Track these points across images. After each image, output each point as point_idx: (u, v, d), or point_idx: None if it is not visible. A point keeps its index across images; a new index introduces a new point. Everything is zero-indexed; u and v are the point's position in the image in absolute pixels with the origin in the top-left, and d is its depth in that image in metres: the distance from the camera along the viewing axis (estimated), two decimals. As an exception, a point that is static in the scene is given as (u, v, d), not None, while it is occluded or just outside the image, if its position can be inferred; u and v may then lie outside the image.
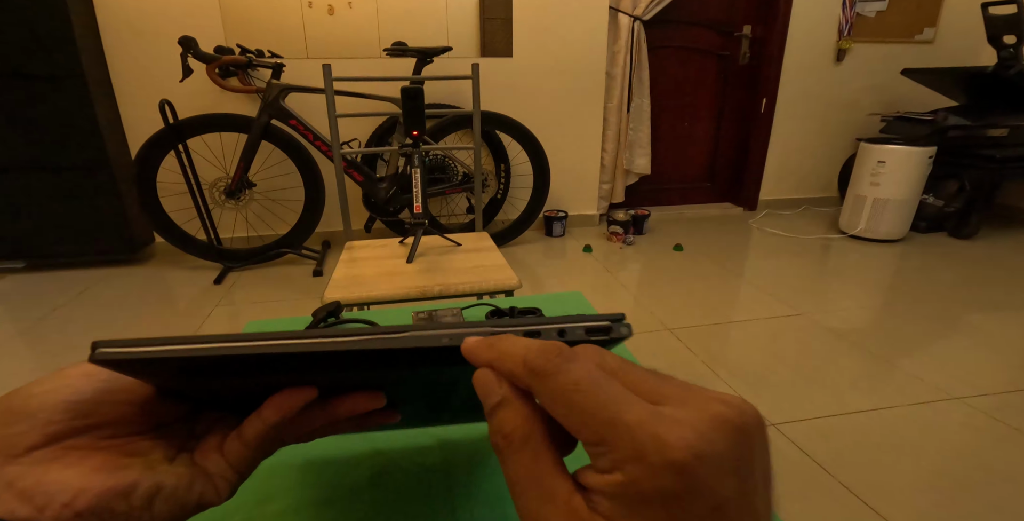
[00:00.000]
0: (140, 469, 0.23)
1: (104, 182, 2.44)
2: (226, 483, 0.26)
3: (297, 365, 0.23)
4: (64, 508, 0.20)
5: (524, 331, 0.22)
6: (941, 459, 1.29)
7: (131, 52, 2.49)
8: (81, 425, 0.23)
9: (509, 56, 2.85)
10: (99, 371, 0.24)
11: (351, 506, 0.41)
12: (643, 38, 2.98)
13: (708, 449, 0.15)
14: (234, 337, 0.21)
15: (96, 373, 0.24)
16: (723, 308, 2.13)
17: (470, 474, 0.44)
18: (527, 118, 2.97)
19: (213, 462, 0.26)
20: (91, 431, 0.23)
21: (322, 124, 2.69)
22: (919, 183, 2.77)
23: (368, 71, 2.70)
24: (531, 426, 0.19)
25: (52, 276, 2.49)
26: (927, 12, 3.31)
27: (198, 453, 0.26)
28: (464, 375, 0.26)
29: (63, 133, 2.34)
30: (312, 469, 0.44)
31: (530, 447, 0.18)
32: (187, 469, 0.25)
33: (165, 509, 0.23)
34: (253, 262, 2.59)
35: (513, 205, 3.03)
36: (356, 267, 1.28)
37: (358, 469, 0.44)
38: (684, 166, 3.59)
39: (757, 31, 3.27)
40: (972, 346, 1.81)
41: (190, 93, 2.57)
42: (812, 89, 3.37)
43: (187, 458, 0.26)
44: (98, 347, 0.21)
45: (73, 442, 0.23)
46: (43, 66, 2.24)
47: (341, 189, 1.51)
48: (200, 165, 2.62)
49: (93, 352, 0.20)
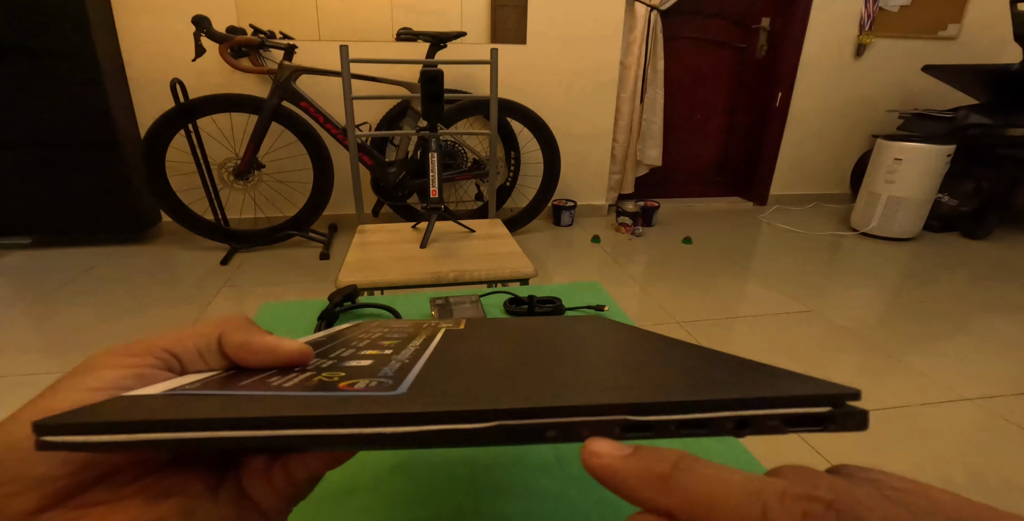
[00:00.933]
0: (179, 518, 0.18)
1: (112, 160, 2.43)
2: (280, 516, 0.21)
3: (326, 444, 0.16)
4: None
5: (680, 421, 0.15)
6: (949, 459, 1.28)
7: (143, 30, 2.46)
8: (91, 476, 0.18)
9: (520, 43, 2.81)
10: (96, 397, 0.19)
11: (373, 496, 0.39)
12: (659, 28, 2.94)
13: None
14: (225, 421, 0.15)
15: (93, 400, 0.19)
16: (732, 302, 2.12)
17: (496, 467, 0.43)
18: (539, 106, 2.94)
19: (264, 494, 0.21)
20: (106, 480, 0.18)
21: (332, 107, 2.67)
22: (935, 182, 2.73)
23: (380, 54, 2.67)
24: None
25: (59, 253, 2.48)
26: (952, 8, 3.25)
27: (245, 478, 0.21)
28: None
29: (73, 110, 2.32)
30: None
31: None
32: (235, 509, 0.20)
33: None
34: (260, 244, 2.58)
35: (522, 193, 3.01)
36: (369, 251, 1.26)
37: (380, 460, 0.43)
38: (695, 159, 3.56)
39: (776, 24, 3.22)
40: (982, 347, 1.80)
41: (201, 73, 2.55)
42: (829, 84, 3.32)
43: (234, 487, 0.20)
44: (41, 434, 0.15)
45: (88, 498, 0.17)
46: (54, 42, 2.22)
47: (355, 173, 1.49)
48: (209, 145, 2.60)
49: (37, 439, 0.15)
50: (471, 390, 0.17)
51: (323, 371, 0.22)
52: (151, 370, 0.21)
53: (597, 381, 0.19)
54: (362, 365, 0.23)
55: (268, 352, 0.23)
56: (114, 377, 0.19)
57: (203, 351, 0.22)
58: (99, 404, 0.17)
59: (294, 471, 0.21)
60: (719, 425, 0.15)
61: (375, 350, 0.26)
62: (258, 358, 0.23)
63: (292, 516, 0.37)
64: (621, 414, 0.15)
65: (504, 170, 2.90)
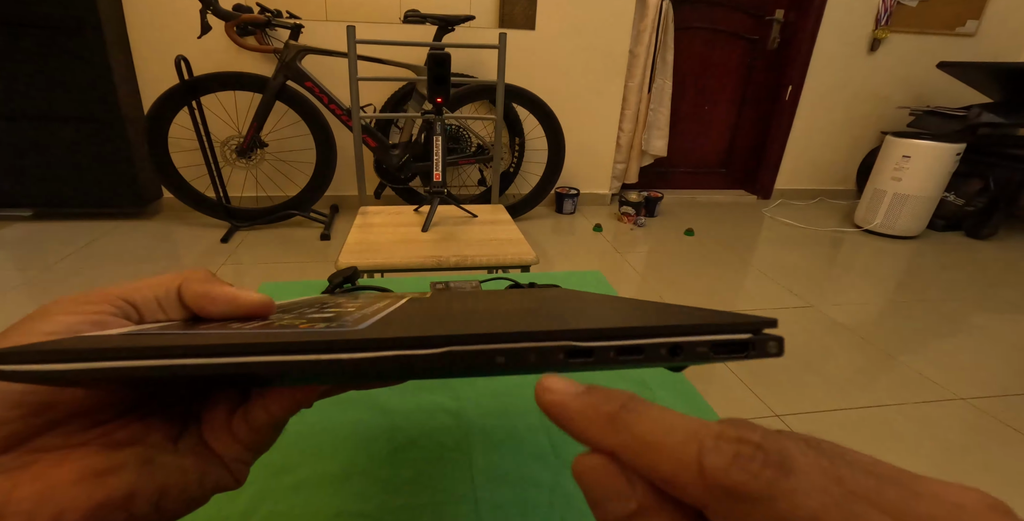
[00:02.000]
0: (136, 467, 0.17)
1: (115, 135, 2.41)
2: (243, 466, 0.21)
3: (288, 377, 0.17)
4: None
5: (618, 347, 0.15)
6: (943, 458, 1.28)
7: (150, 6, 2.43)
8: (44, 421, 0.17)
9: (529, 28, 2.78)
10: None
11: (369, 482, 0.39)
12: (671, 18, 2.90)
13: None
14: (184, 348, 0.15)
15: None
16: (731, 296, 2.11)
17: (491, 454, 0.43)
18: (545, 93, 2.91)
19: (225, 444, 0.21)
20: (61, 425, 0.18)
21: (337, 88, 2.64)
22: (943, 180, 2.71)
23: (387, 36, 2.63)
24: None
25: (59, 226, 2.48)
26: (972, 4, 3.19)
27: (206, 429, 0.21)
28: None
29: (77, 84, 2.30)
30: (329, 443, 0.43)
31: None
32: (195, 458, 0.20)
33: (177, 506, 0.19)
34: (261, 222, 2.58)
35: (525, 179, 2.99)
36: (370, 233, 1.26)
37: (375, 444, 0.43)
38: (701, 150, 3.54)
39: (790, 16, 3.18)
40: (980, 347, 1.79)
41: (207, 50, 2.52)
42: (841, 78, 3.28)
43: (194, 437, 0.20)
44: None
45: (41, 443, 0.17)
46: (60, 16, 2.19)
47: (358, 154, 1.48)
48: (213, 123, 2.58)
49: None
50: (425, 326, 0.18)
51: (284, 321, 0.21)
52: (108, 318, 0.20)
53: (545, 316, 0.20)
54: (324, 316, 0.22)
55: (228, 302, 0.22)
56: (70, 322, 0.19)
57: (162, 301, 0.22)
58: (57, 340, 0.17)
59: (255, 417, 0.21)
60: (654, 351, 0.16)
61: (339, 309, 0.25)
62: (218, 308, 0.22)
63: (288, 499, 0.37)
64: (565, 340, 0.15)
65: (508, 156, 2.88)
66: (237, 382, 0.20)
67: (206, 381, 0.18)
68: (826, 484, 0.11)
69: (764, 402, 1.46)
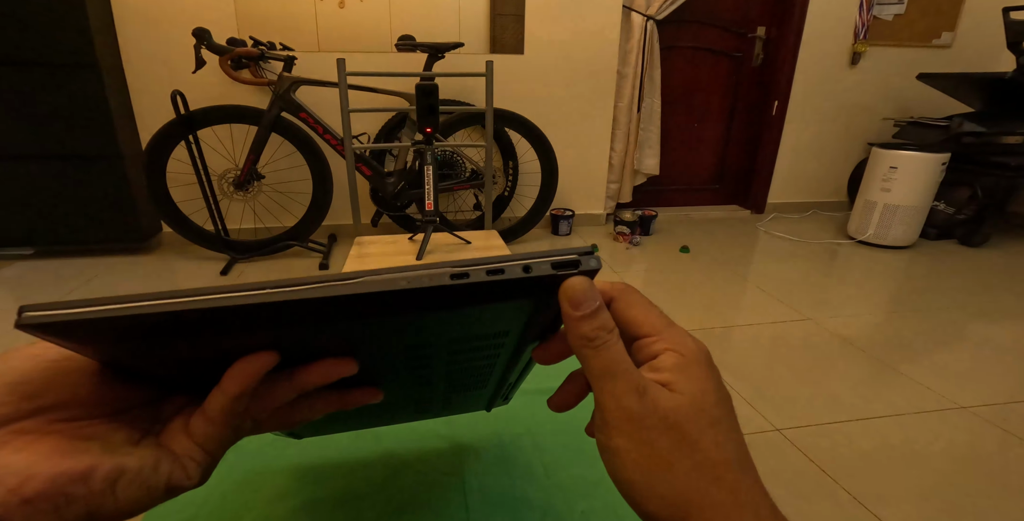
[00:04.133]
0: (98, 452, 0.21)
1: (114, 171, 2.45)
2: (195, 464, 0.24)
3: (247, 322, 0.21)
4: (10, 494, 0.19)
5: (488, 268, 0.21)
6: (946, 467, 1.28)
7: (145, 42, 2.49)
8: (29, 408, 0.21)
9: (520, 53, 2.84)
10: (46, 351, 0.22)
11: (365, 507, 0.40)
12: (656, 38, 2.96)
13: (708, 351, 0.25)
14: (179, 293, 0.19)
15: (43, 354, 0.22)
16: (729, 311, 2.12)
17: (484, 477, 0.44)
18: (536, 116, 2.96)
19: (179, 442, 0.24)
20: (41, 413, 0.21)
21: (331, 118, 2.69)
22: (931, 189, 2.75)
23: (379, 65, 2.69)
24: (614, 323, 0.24)
25: (60, 263, 2.50)
26: (946, 16, 3.28)
27: (164, 435, 0.24)
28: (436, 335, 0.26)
29: (75, 121, 2.34)
30: (326, 469, 0.44)
31: (617, 336, 0.23)
32: (151, 451, 0.23)
33: (130, 493, 0.21)
34: (260, 254, 2.60)
35: (520, 203, 3.03)
36: (366, 263, 1.28)
37: (371, 470, 0.44)
38: (693, 167, 3.58)
39: (771, 32, 3.25)
40: (979, 355, 1.80)
41: (202, 84, 2.57)
42: (825, 92, 3.34)
43: (152, 441, 0.24)
44: (24, 311, 0.18)
45: (21, 426, 0.21)
46: (57, 54, 2.24)
47: (352, 184, 1.51)
48: (210, 156, 2.62)
49: (19, 316, 0.18)
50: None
51: None
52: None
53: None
54: None
55: None
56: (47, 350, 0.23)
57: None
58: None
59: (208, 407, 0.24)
60: (513, 270, 0.21)
61: None
62: None
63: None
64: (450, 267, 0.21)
65: (502, 180, 2.92)
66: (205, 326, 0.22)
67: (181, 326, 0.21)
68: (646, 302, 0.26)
69: (764, 416, 1.46)
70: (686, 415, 0.22)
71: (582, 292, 0.23)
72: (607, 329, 0.23)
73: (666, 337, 0.24)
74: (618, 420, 0.22)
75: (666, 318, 0.25)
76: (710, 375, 0.24)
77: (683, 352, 0.24)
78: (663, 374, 0.23)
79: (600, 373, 0.23)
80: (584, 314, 0.23)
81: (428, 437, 0.48)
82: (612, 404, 0.22)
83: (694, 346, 0.24)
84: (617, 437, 0.22)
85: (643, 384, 0.22)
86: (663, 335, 0.24)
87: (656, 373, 0.23)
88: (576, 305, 0.23)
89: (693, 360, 0.24)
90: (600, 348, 0.23)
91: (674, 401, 0.22)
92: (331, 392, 0.29)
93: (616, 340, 0.23)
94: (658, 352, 0.24)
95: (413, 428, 0.49)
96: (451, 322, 0.25)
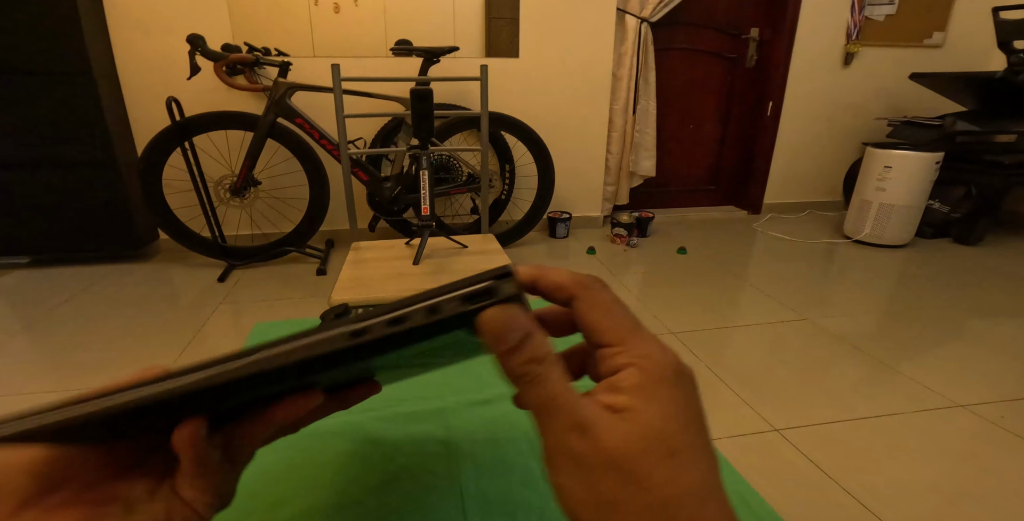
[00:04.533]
0: (120, 514, 0.23)
1: (110, 179, 2.44)
2: (206, 506, 0.25)
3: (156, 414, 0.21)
4: None
5: (389, 319, 0.19)
6: (945, 466, 1.28)
7: (139, 49, 2.49)
8: (48, 485, 0.23)
9: (515, 56, 2.85)
10: None
11: (362, 513, 0.41)
12: (650, 40, 2.98)
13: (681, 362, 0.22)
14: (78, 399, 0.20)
15: None
16: (727, 312, 2.13)
17: (481, 481, 0.44)
18: (532, 119, 2.96)
19: (186, 490, 0.25)
20: (66, 485, 0.23)
21: (328, 123, 2.69)
22: (925, 188, 2.76)
23: (374, 70, 2.70)
24: (551, 349, 0.22)
25: (56, 272, 2.49)
26: (937, 16, 3.30)
27: (177, 480, 0.25)
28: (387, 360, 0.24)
29: (70, 129, 2.34)
30: (323, 474, 0.44)
31: (558, 365, 0.21)
32: (165, 503, 0.25)
33: None
34: (257, 260, 2.60)
35: (517, 206, 3.03)
36: (362, 268, 1.28)
37: (369, 475, 0.44)
38: (689, 169, 3.59)
39: (764, 34, 3.26)
40: (977, 353, 1.81)
41: (197, 91, 2.57)
42: (819, 93, 3.36)
43: (168, 487, 0.25)
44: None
45: (50, 502, 0.23)
46: (51, 62, 2.24)
47: (348, 189, 1.51)
48: (206, 163, 2.62)
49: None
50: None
51: None
52: None
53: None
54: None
55: None
56: None
57: None
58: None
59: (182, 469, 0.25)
60: (417, 315, 0.19)
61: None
62: None
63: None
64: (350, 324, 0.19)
65: (499, 183, 2.92)
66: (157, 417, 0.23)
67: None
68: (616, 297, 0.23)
69: (763, 417, 1.46)
70: (637, 450, 0.20)
71: (501, 326, 0.20)
72: (539, 361, 0.21)
73: (630, 347, 0.22)
74: (559, 459, 0.21)
75: (633, 321, 0.23)
76: (676, 395, 0.21)
77: (647, 368, 0.21)
78: (620, 397, 0.21)
79: (536, 409, 0.21)
80: (508, 348, 0.21)
81: (425, 441, 0.48)
82: (551, 442, 0.21)
83: (661, 359, 0.21)
84: (559, 476, 0.21)
85: (585, 420, 0.20)
86: (627, 344, 0.22)
87: (613, 395, 0.21)
88: (497, 341, 0.21)
89: (657, 378, 0.21)
90: (533, 383, 0.21)
91: (623, 435, 0.20)
92: (328, 400, 0.28)
93: (551, 371, 0.21)
94: (619, 367, 0.21)
95: (410, 433, 0.49)
96: (390, 357, 0.23)
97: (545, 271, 0.24)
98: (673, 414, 0.20)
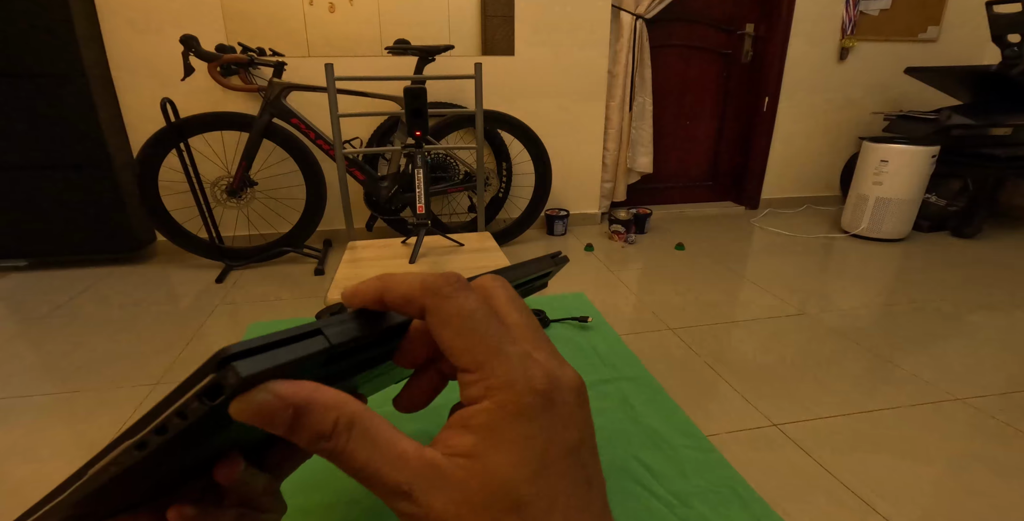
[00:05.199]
0: None
1: (106, 181, 2.44)
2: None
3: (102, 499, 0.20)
4: None
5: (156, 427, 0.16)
6: (944, 460, 1.29)
7: (133, 50, 2.48)
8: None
9: (510, 54, 2.85)
10: None
11: (357, 512, 0.41)
12: (645, 36, 2.97)
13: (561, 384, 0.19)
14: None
15: None
16: (725, 307, 2.13)
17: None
18: (529, 116, 2.96)
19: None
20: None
21: (323, 123, 2.69)
22: (922, 182, 2.76)
23: (370, 69, 2.69)
24: (345, 405, 0.18)
25: (54, 274, 2.49)
26: (931, 10, 3.30)
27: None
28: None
29: (65, 132, 2.34)
30: (317, 474, 0.44)
31: (359, 426, 0.18)
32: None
33: None
34: (255, 261, 2.60)
35: (514, 204, 3.03)
36: (359, 267, 1.28)
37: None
38: (686, 165, 3.59)
39: (760, 29, 3.26)
40: (975, 346, 1.81)
41: (192, 92, 2.57)
42: (815, 87, 3.36)
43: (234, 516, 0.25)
44: None
45: None
46: (45, 64, 2.24)
47: (344, 189, 1.51)
48: (202, 164, 2.62)
49: None
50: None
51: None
52: None
53: None
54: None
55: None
56: None
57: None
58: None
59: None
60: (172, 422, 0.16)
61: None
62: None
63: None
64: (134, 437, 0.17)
65: (496, 181, 2.92)
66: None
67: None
68: (483, 301, 0.20)
69: (762, 412, 1.47)
70: (473, 508, 0.17)
71: (256, 417, 0.16)
72: (325, 435, 0.17)
73: (487, 375, 0.18)
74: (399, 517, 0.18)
75: (496, 338, 0.19)
76: (533, 433, 0.18)
77: (503, 402, 0.18)
78: (466, 438, 0.18)
79: (355, 478, 0.18)
80: (284, 433, 0.17)
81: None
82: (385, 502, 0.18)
83: (524, 387, 0.18)
84: None
85: (405, 485, 0.17)
86: (484, 370, 0.18)
87: (460, 435, 0.18)
88: (269, 428, 0.17)
89: (513, 413, 0.18)
90: (334, 460, 0.18)
91: (452, 495, 0.17)
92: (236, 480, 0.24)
93: (346, 441, 0.17)
94: (475, 398, 0.18)
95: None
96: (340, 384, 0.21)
97: (391, 282, 0.20)
98: (526, 459, 0.18)
